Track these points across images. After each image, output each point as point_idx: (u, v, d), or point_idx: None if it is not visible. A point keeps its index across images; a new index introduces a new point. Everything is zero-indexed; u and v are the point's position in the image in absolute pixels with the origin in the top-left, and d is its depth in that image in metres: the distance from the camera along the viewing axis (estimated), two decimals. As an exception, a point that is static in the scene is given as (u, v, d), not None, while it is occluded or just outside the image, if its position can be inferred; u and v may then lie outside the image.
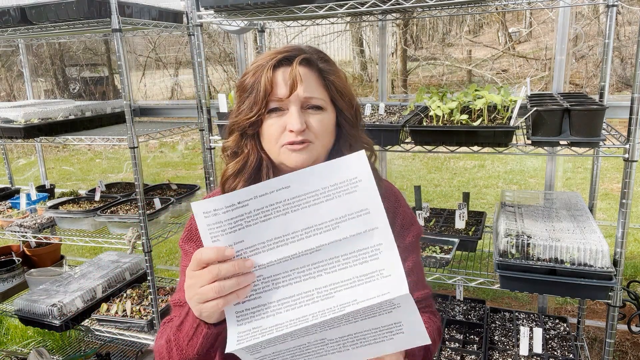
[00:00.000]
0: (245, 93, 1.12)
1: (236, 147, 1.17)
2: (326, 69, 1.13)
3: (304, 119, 1.08)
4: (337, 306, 0.86)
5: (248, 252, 0.89)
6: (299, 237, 0.89)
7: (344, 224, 0.89)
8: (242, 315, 0.90)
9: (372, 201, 0.90)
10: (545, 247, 1.83)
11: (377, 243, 0.88)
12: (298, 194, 0.89)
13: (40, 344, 3.23)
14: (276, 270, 0.89)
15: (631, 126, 1.74)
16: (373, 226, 0.89)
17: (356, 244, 0.89)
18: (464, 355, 2.22)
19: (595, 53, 8.28)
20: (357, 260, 0.88)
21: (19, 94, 9.73)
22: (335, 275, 0.88)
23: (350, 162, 0.90)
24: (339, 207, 0.89)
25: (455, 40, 10.43)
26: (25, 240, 3.00)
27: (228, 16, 2.26)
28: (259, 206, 0.88)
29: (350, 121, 1.17)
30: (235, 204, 0.88)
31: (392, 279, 0.86)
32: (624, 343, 3.03)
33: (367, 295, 0.86)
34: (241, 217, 0.88)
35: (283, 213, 0.89)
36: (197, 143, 8.30)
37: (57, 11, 2.19)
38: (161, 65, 10.42)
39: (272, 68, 1.08)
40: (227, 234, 0.89)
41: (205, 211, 0.88)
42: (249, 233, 0.89)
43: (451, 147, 1.95)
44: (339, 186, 0.89)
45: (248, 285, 0.90)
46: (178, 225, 2.75)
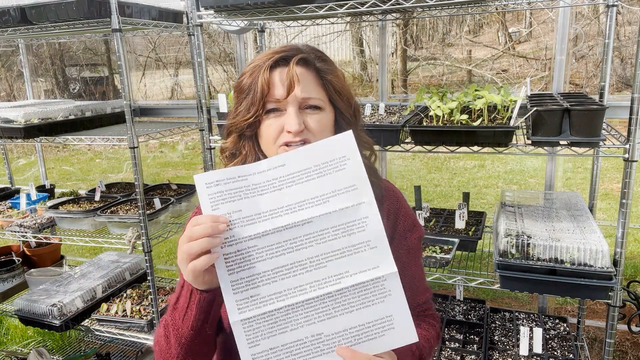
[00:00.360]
0: (243, 94, 1.11)
1: (234, 149, 1.17)
2: (324, 69, 1.12)
3: (302, 119, 1.08)
4: (332, 277, 0.95)
5: (244, 222, 0.96)
6: (292, 210, 0.96)
7: (333, 198, 0.96)
8: (237, 284, 0.95)
9: (359, 178, 0.97)
10: (545, 247, 1.83)
11: (363, 216, 0.95)
12: (292, 172, 0.97)
13: (40, 344, 3.23)
14: (270, 240, 0.95)
15: (631, 126, 1.74)
16: (360, 201, 0.96)
17: (344, 217, 0.96)
18: (464, 355, 2.22)
19: (595, 53, 8.28)
20: (345, 232, 0.96)
21: (19, 94, 9.73)
22: (325, 246, 0.96)
23: (338, 142, 0.97)
24: (329, 183, 0.96)
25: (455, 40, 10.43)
26: (25, 240, 3.00)
27: (228, 16, 2.26)
28: (256, 181, 0.96)
29: (349, 120, 1.16)
30: (236, 177, 0.96)
31: (378, 250, 0.95)
32: (624, 343, 3.03)
33: (358, 268, 0.95)
34: (240, 189, 0.96)
35: (278, 188, 0.97)
36: (197, 143, 8.31)
37: (57, 11, 2.19)
38: (161, 65, 10.42)
39: (269, 68, 1.07)
40: (227, 202, 0.96)
41: (208, 182, 0.96)
42: (246, 204, 0.96)
43: (451, 147, 1.95)
44: (329, 164, 0.97)
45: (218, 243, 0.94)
46: (178, 225, 2.75)
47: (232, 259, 0.95)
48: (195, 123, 2.83)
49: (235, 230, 0.95)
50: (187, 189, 3.08)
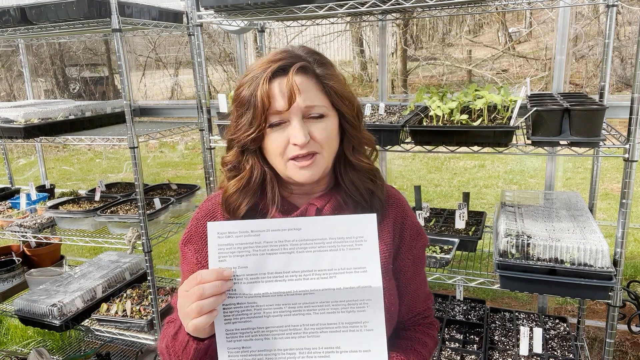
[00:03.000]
0: (243, 107, 1.08)
1: (236, 162, 1.15)
2: (324, 74, 1.09)
3: (307, 129, 1.06)
4: (322, 348, 0.96)
5: (248, 279, 0.96)
6: (297, 277, 0.96)
7: (341, 275, 0.96)
8: (232, 334, 0.97)
9: (371, 261, 0.97)
10: (545, 247, 1.83)
11: (366, 298, 0.96)
12: (306, 238, 0.97)
13: (40, 344, 3.23)
14: (269, 301, 0.96)
15: (631, 126, 1.74)
16: (366, 284, 0.96)
17: (348, 295, 0.96)
18: (464, 355, 2.22)
19: (595, 53, 8.28)
20: (345, 309, 0.96)
21: (19, 94, 9.73)
22: (322, 317, 0.96)
23: (360, 222, 0.97)
24: (340, 259, 0.96)
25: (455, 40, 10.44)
26: (25, 240, 3.00)
27: (228, 16, 2.26)
28: (269, 239, 0.96)
29: (353, 123, 1.15)
30: (249, 232, 0.96)
31: (374, 334, 0.96)
32: (624, 343, 3.03)
33: (350, 346, 0.96)
34: (251, 245, 0.96)
35: (289, 251, 0.96)
36: (197, 143, 8.30)
37: (57, 11, 2.19)
38: (161, 65, 10.42)
39: (268, 80, 1.04)
40: (235, 256, 0.96)
41: (220, 232, 0.96)
42: (254, 261, 0.96)
43: (451, 147, 1.95)
44: (345, 240, 0.97)
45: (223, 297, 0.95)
46: (178, 225, 2.75)
47: (231, 310, 0.96)
48: (195, 123, 2.83)
49: (237, 285, 0.96)
50: (187, 189, 3.08)
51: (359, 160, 1.17)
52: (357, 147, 1.17)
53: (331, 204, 1.16)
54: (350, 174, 1.17)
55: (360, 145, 1.18)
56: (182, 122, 3.01)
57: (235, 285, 0.95)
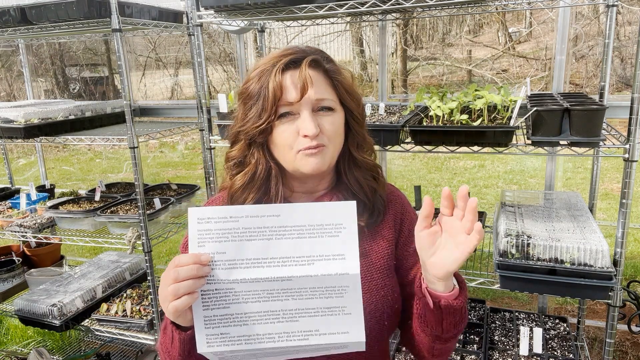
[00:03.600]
0: (251, 100, 1.08)
1: (242, 157, 1.14)
2: (332, 69, 1.11)
3: (317, 121, 1.06)
4: (301, 332, 0.97)
5: (226, 265, 0.96)
6: (275, 264, 0.96)
7: (319, 262, 0.96)
8: (210, 320, 0.96)
9: (350, 249, 0.97)
10: (545, 247, 1.83)
11: (344, 285, 0.96)
12: (285, 225, 0.96)
13: (40, 344, 3.23)
14: (248, 287, 0.96)
15: (631, 126, 1.74)
16: (345, 271, 0.96)
17: (325, 281, 0.96)
18: (464, 355, 2.22)
19: (595, 53, 8.28)
20: (322, 295, 0.97)
21: (19, 94, 9.73)
22: (301, 302, 0.96)
23: (339, 209, 0.97)
24: (318, 246, 0.97)
25: (455, 40, 10.44)
26: (25, 240, 3.00)
27: (228, 16, 2.26)
28: (247, 225, 0.96)
29: (358, 120, 1.16)
30: (228, 218, 0.95)
31: (352, 317, 0.97)
32: (624, 343, 3.03)
33: (329, 329, 0.97)
34: (229, 230, 0.96)
35: (267, 238, 0.96)
36: (197, 143, 8.31)
37: (57, 11, 2.19)
38: (161, 65, 10.42)
39: (280, 72, 1.05)
40: (214, 242, 0.95)
41: (200, 217, 0.95)
42: (232, 247, 0.96)
43: (451, 147, 1.95)
44: (324, 227, 0.97)
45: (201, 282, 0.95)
46: (178, 225, 2.75)
47: (209, 297, 0.96)
48: (195, 123, 2.83)
49: (215, 271, 0.95)
50: (187, 189, 3.08)
51: (363, 157, 1.18)
52: (362, 144, 1.18)
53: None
54: (355, 171, 1.18)
55: (364, 142, 1.19)
56: (182, 122, 3.01)
57: (214, 271, 0.95)
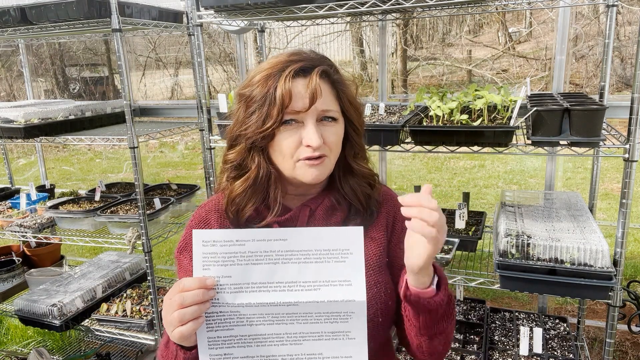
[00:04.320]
0: (255, 104, 1.06)
1: (241, 160, 1.13)
2: (338, 80, 1.12)
3: (320, 132, 1.06)
4: (305, 355, 0.97)
5: (232, 289, 0.95)
6: (281, 288, 0.96)
7: (325, 288, 0.96)
8: (214, 341, 0.96)
9: (356, 275, 0.96)
10: (545, 247, 1.83)
11: (350, 311, 0.96)
12: (292, 249, 0.96)
13: (40, 344, 3.23)
14: (253, 311, 0.96)
15: (631, 126, 1.74)
16: (350, 298, 0.96)
17: (331, 307, 0.96)
18: (464, 355, 2.22)
19: (595, 53, 8.28)
20: (328, 320, 0.97)
21: (19, 94, 9.73)
22: (306, 327, 0.96)
23: (347, 234, 0.97)
24: (324, 271, 0.96)
25: (455, 40, 10.44)
26: (25, 240, 3.00)
27: (228, 16, 2.26)
28: (254, 249, 0.95)
29: (358, 130, 1.16)
30: (234, 241, 0.95)
31: (356, 342, 0.97)
32: (624, 343, 3.03)
33: (332, 353, 0.97)
34: (235, 254, 0.95)
35: (273, 262, 0.96)
36: (197, 143, 8.31)
37: (57, 11, 2.19)
38: (161, 65, 10.42)
39: (291, 79, 1.04)
40: (219, 265, 0.95)
41: (205, 240, 0.95)
42: (238, 271, 0.95)
43: (451, 147, 1.95)
44: (330, 252, 0.96)
45: (205, 306, 0.94)
46: (178, 225, 2.75)
47: (213, 318, 0.96)
48: (195, 123, 2.83)
49: (221, 294, 0.95)
50: (187, 189, 3.08)
51: (360, 166, 1.18)
52: (359, 153, 1.18)
53: (324, 205, 1.16)
54: (350, 179, 1.18)
55: (361, 151, 1.19)
56: (182, 122, 3.01)
57: (219, 294, 0.95)
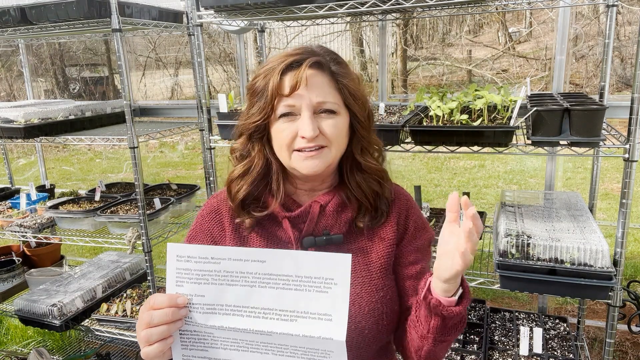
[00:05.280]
0: (255, 97, 1.11)
1: (243, 150, 1.17)
2: (339, 72, 1.11)
3: (317, 123, 1.07)
4: None
5: (204, 309, 0.91)
6: (255, 315, 0.89)
7: (303, 320, 0.87)
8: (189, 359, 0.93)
9: (338, 309, 0.87)
10: (545, 247, 1.83)
11: (328, 350, 0.87)
12: (270, 272, 0.88)
13: (40, 344, 3.23)
14: (226, 334, 0.91)
15: (631, 126, 1.74)
16: (329, 336, 0.87)
17: (307, 343, 0.87)
18: (464, 355, 2.22)
19: (595, 53, 8.28)
20: (305, 355, 0.88)
21: (19, 94, 9.73)
22: (281, 358, 0.90)
23: (333, 261, 0.87)
24: (303, 301, 0.87)
25: (455, 40, 10.44)
26: (25, 240, 3.00)
27: (228, 16, 2.26)
28: (230, 269, 0.89)
29: (363, 124, 1.16)
30: (209, 258, 0.90)
31: None
32: (624, 343, 3.03)
33: None
34: (210, 272, 0.90)
35: (249, 285, 0.89)
36: (197, 143, 8.30)
37: (57, 11, 2.19)
38: (161, 65, 10.42)
39: (281, 72, 1.07)
40: (192, 283, 0.90)
41: (180, 255, 0.90)
42: (212, 291, 0.90)
43: (451, 147, 1.95)
44: (312, 280, 0.87)
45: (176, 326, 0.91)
46: (178, 225, 2.75)
47: (187, 337, 0.92)
48: (195, 123, 2.83)
49: (193, 313, 0.91)
50: (187, 189, 3.08)
51: (367, 161, 1.17)
52: (367, 148, 1.18)
53: (335, 201, 1.16)
54: (357, 175, 1.18)
55: (369, 146, 1.19)
56: (182, 122, 3.01)
57: (191, 313, 0.91)
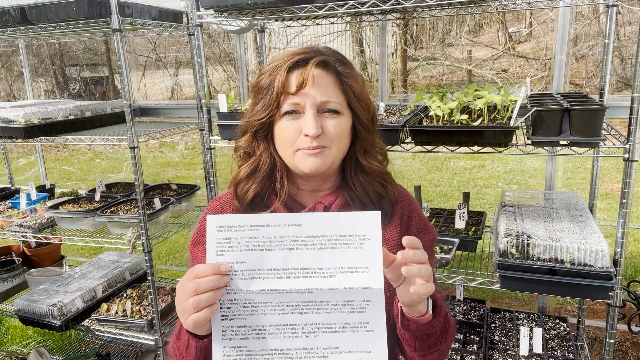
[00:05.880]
0: (261, 94, 1.11)
1: (248, 148, 1.17)
2: (344, 72, 1.12)
3: (320, 123, 1.07)
4: (321, 349, 0.94)
5: (246, 275, 0.94)
6: (296, 275, 0.94)
7: (341, 275, 0.93)
8: (228, 332, 0.95)
9: (373, 261, 0.93)
10: (545, 247, 1.83)
11: (367, 299, 0.93)
12: (307, 234, 0.93)
13: (40, 344, 3.23)
14: (267, 298, 0.94)
15: (631, 126, 1.74)
16: (367, 285, 0.93)
17: (347, 295, 0.93)
18: (464, 355, 2.22)
19: (595, 53, 8.28)
20: (344, 309, 0.93)
21: (19, 94, 9.72)
22: (322, 316, 0.94)
23: (364, 219, 0.93)
24: (340, 258, 0.93)
25: (455, 40, 10.44)
26: (25, 240, 3.00)
27: (228, 16, 2.26)
28: (268, 234, 0.94)
29: (366, 126, 1.16)
30: (248, 226, 0.94)
31: (374, 335, 0.93)
32: (624, 343, 3.03)
33: (349, 347, 0.93)
34: (249, 239, 0.94)
35: (288, 248, 0.94)
36: (197, 143, 8.30)
37: (57, 11, 2.19)
38: (161, 65, 10.42)
39: (287, 70, 1.07)
40: (233, 251, 0.94)
41: (219, 225, 0.94)
42: (252, 256, 0.94)
43: (451, 147, 1.95)
44: (347, 238, 0.93)
45: (221, 292, 0.93)
46: (178, 225, 2.75)
47: (228, 307, 0.94)
48: (195, 123, 2.83)
49: (235, 280, 0.93)
50: (187, 189, 3.07)
51: (370, 163, 1.18)
52: (369, 150, 1.18)
53: (339, 202, 1.17)
54: (360, 176, 1.18)
55: (372, 148, 1.19)
56: (182, 122, 3.01)
57: (233, 280, 0.93)
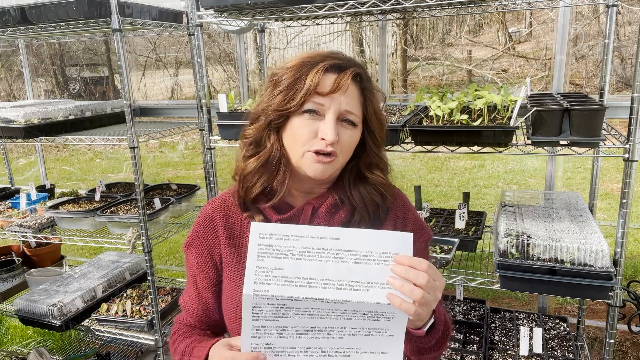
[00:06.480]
0: (283, 84, 1.09)
1: (259, 137, 1.15)
2: (368, 88, 1.13)
3: (337, 130, 1.08)
4: (344, 349, 1.02)
5: (282, 281, 0.99)
6: (330, 286, 0.99)
7: (373, 290, 0.99)
8: (257, 330, 1.00)
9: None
10: (545, 247, 1.83)
11: (394, 312, 1.00)
12: (343, 248, 0.99)
13: (40, 344, 3.23)
14: (300, 305, 0.99)
15: (631, 126, 1.74)
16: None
17: (377, 308, 0.99)
18: (464, 355, 2.22)
19: (595, 53, 8.28)
20: (371, 317, 1.00)
21: (19, 94, 9.73)
22: (348, 322, 1.00)
23: (398, 238, 1.01)
24: (373, 273, 0.99)
25: (455, 40, 10.44)
26: (25, 240, 3.00)
27: (228, 16, 2.26)
28: (307, 245, 0.99)
29: (378, 142, 1.17)
30: (289, 236, 1.00)
31: (394, 339, 1.01)
32: (624, 343, 3.03)
33: (370, 348, 1.02)
34: (289, 248, 0.99)
35: (325, 260, 0.99)
36: (197, 143, 8.31)
37: (57, 11, 2.19)
38: (161, 65, 10.43)
39: (324, 70, 1.07)
40: (272, 258, 0.99)
41: (263, 232, 0.99)
42: (289, 264, 0.99)
43: (451, 147, 1.95)
44: (380, 255, 1.00)
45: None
46: (178, 225, 2.75)
47: (260, 309, 0.99)
48: (195, 123, 2.83)
49: (271, 286, 0.98)
50: (187, 189, 3.07)
51: (375, 175, 1.19)
52: (376, 164, 1.19)
53: (327, 204, 1.17)
54: (360, 187, 1.19)
55: (380, 161, 1.20)
56: (182, 122, 3.01)
57: (269, 285, 0.98)
